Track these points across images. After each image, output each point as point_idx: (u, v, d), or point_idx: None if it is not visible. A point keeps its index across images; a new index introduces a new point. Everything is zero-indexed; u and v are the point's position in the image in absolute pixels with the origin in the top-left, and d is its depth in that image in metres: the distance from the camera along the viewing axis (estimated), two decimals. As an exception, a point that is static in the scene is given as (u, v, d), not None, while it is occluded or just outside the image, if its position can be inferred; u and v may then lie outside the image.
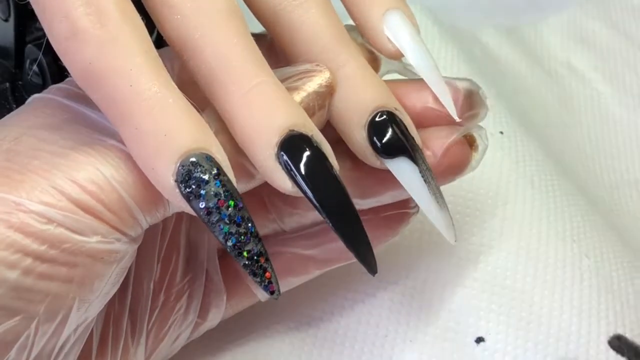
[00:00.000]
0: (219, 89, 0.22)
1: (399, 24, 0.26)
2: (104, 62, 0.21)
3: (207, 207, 0.21)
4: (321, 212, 0.22)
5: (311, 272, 0.30)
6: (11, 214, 0.20)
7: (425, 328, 0.31)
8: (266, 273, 0.22)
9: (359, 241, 0.23)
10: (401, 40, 0.25)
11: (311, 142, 0.22)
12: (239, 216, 0.21)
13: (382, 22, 0.26)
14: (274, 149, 0.22)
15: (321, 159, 0.22)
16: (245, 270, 0.22)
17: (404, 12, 0.26)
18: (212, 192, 0.21)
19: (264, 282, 0.22)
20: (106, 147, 0.22)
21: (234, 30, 0.23)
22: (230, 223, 0.21)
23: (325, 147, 0.23)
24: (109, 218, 0.21)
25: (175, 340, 0.29)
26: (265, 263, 0.22)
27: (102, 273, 0.22)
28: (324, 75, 0.24)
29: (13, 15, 0.32)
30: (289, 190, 0.22)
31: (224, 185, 0.21)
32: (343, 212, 0.23)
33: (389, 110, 0.24)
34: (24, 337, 0.21)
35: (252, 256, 0.22)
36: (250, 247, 0.22)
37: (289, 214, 0.30)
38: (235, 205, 0.21)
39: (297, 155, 0.22)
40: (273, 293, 0.22)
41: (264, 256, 0.22)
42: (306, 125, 0.22)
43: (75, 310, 0.22)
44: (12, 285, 0.20)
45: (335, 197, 0.23)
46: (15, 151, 0.22)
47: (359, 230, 0.23)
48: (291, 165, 0.22)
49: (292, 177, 0.22)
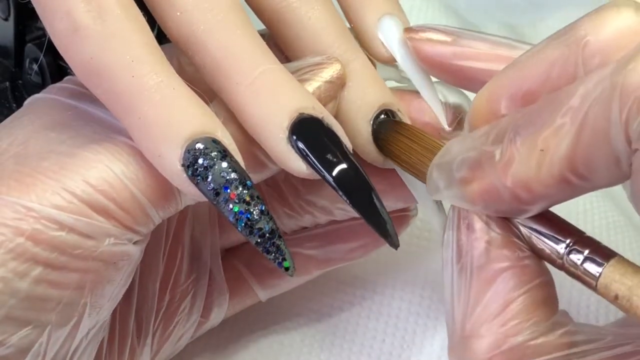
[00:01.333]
0: (226, 80, 0.22)
1: (392, 29, 0.26)
2: (105, 57, 0.21)
3: (215, 188, 0.21)
4: (339, 191, 0.22)
5: (312, 272, 0.30)
6: (21, 220, 0.20)
7: (423, 333, 0.31)
8: (279, 250, 0.22)
9: (378, 216, 0.23)
10: (392, 45, 0.26)
11: (323, 124, 0.22)
12: (249, 195, 0.21)
13: (376, 27, 0.26)
14: (285, 133, 0.22)
15: (334, 139, 0.22)
16: (257, 248, 0.22)
17: (399, 18, 0.26)
18: (220, 173, 0.21)
19: (277, 259, 0.22)
20: (115, 144, 0.22)
21: (236, 22, 0.23)
22: (239, 202, 0.21)
23: (337, 128, 0.23)
24: (122, 216, 0.21)
25: (180, 340, 0.29)
26: (278, 240, 0.22)
27: (113, 277, 0.22)
28: (336, 67, 0.24)
29: (13, 14, 0.32)
30: (304, 173, 0.22)
31: (231, 165, 0.21)
32: (360, 190, 0.23)
33: (393, 110, 0.25)
34: (37, 345, 0.21)
35: (264, 234, 0.21)
36: (261, 225, 0.21)
37: (287, 217, 0.30)
38: (244, 184, 0.21)
39: (310, 138, 0.22)
40: (287, 269, 0.22)
41: (276, 233, 0.22)
42: (315, 107, 0.22)
43: (87, 315, 0.22)
44: (23, 295, 0.20)
45: (352, 176, 0.22)
46: (24, 154, 0.22)
47: (377, 205, 0.23)
48: (305, 148, 0.22)
49: (307, 159, 0.22)
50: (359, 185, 0.23)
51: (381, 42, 0.26)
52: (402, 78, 0.27)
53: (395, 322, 0.32)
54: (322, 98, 0.24)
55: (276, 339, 0.31)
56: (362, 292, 0.33)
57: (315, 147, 0.22)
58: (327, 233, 0.30)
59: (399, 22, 0.26)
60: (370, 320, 0.32)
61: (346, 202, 0.22)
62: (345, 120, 0.25)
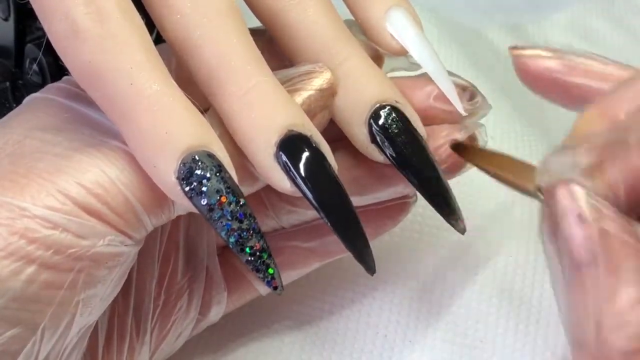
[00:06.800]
0: (218, 89, 0.22)
1: (402, 20, 0.26)
2: (103, 61, 0.21)
3: (209, 203, 0.21)
4: (320, 212, 0.22)
5: (311, 265, 0.30)
6: (15, 219, 0.20)
7: (425, 329, 0.31)
8: (269, 269, 0.22)
9: (357, 241, 0.23)
10: (404, 36, 0.26)
11: (310, 142, 0.22)
12: (241, 212, 0.21)
13: (384, 19, 0.26)
14: (273, 149, 0.22)
15: (320, 159, 0.22)
16: (247, 266, 0.22)
17: (406, 9, 0.26)
18: (214, 189, 0.21)
19: (266, 278, 0.22)
20: (111, 149, 0.22)
21: (233, 30, 0.23)
22: (232, 219, 0.21)
23: (324, 147, 0.23)
24: (115, 221, 0.21)
25: (178, 338, 0.29)
26: (268, 259, 0.22)
27: (105, 277, 0.22)
28: (325, 76, 0.24)
29: (13, 14, 0.32)
30: (288, 190, 0.22)
31: (226, 181, 0.21)
32: (341, 212, 0.23)
33: (389, 105, 0.24)
34: (30, 344, 0.21)
35: (255, 252, 0.22)
36: (252, 243, 0.22)
37: (287, 212, 0.30)
38: (237, 201, 0.21)
39: (296, 156, 0.22)
40: (276, 289, 0.22)
41: (266, 252, 0.22)
42: (305, 125, 0.22)
43: (79, 315, 0.22)
44: (15, 294, 0.20)
45: (334, 197, 0.23)
46: (19, 154, 0.22)
47: (357, 230, 0.23)
48: (290, 166, 0.22)
49: (291, 177, 0.22)
50: (340, 207, 0.23)
51: (390, 35, 0.26)
52: (411, 66, 0.27)
53: (396, 318, 0.32)
54: (312, 108, 0.24)
55: (276, 336, 0.31)
56: (362, 288, 0.33)
57: (300, 165, 0.22)
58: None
59: (407, 12, 0.26)
60: (371, 316, 0.32)
61: (326, 223, 0.23)
62: (343, 124, 0.25)
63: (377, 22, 0.26)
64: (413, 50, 0.26)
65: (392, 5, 0.26)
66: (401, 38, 0.26)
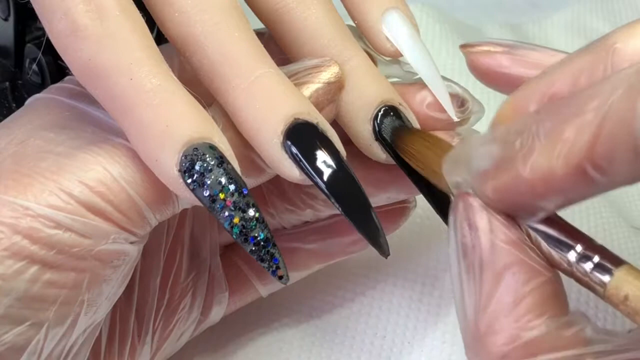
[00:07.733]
0: (222, 84, 0.22)
1: (397, 23, 0.26)
2: (103, 58, 0.21)
3: (212, 195, 0.21)
4: (331, 198, 0.22)
5: (312, 266, 0.30)
6: (19, 218, 0.20)
7: (424, 330, 0.31)
8: (273, 258, 0.22)
9: (369, 225, 0.23)
10: (399, 39, 0.26)
11: (317, 130, 0.22)
12: (244, 202, 0.21)
13: (380, 22, 0.26)
14: (280, 138, 0.22)
15: (328, 145, 0.22)
16: (252, 256, 0.22)
17: (403, 12, 0.26)
18: (216, 180, 0.21)
19: (271, 268, 0.22)
20: (113, 146, 0.22)
21: (235, 25, 0.23)
22: (235, 210, 0.21)
23: (331, 134, 0.23)
24: (118, 218, 0.21)
25: (180, 338, 0.29)
26: (272, 249, 0.22)
27: (110, 276, 0.22)
28: (333, 70, 0.24)
29: (13, 14, 0.32)
30: (297, 178, 0.22)
31: (228, 172, 0.21)
32: (353, 197, 0.23)
33: (393, 105, 0.24)
34: (34, 343, 0.21)
35: (259, 242, 0.22)
36: (256, 233, 0.21)
37: (288, 212, 0.30)
38: (240, 192, 0.21)
39: (304, 143, 0.22)
40: (281, 278, 0.22)
41: (270, 242, 0.22)
42: (310, 113, 0.22)
43: (83, 314, 0.22)
44: (20, 293, 0.20)
45: (344, 183, 0.22)
46: (22, 154, 0.22)
47: (369, 214, 0.23)
48: (298, 154, 0.22)
49: (300, 165, 0.22)
50: (351, 192, 0.23)
51: (386, 37, 0.26)
52: (406, 73, 0.27)
53: (395, 318, 0.32)
54: (320, 101, 0.24)
55: (276, 337, 0.31)
56: (361, 288, 0.33)
57: (309, 153, 0.22)
58: (327, 227, 0.30)
59: (403, 15, 0.26)
60: (371, 316, 0.32)
61: (338, 209, 0.22)
62: (346, 121, 0.25)
63: (373, 25, 0.26)
64: (407, 53, 0.26)
65: (388, 8, 0.26)
66: (395, 40, 0.26)
